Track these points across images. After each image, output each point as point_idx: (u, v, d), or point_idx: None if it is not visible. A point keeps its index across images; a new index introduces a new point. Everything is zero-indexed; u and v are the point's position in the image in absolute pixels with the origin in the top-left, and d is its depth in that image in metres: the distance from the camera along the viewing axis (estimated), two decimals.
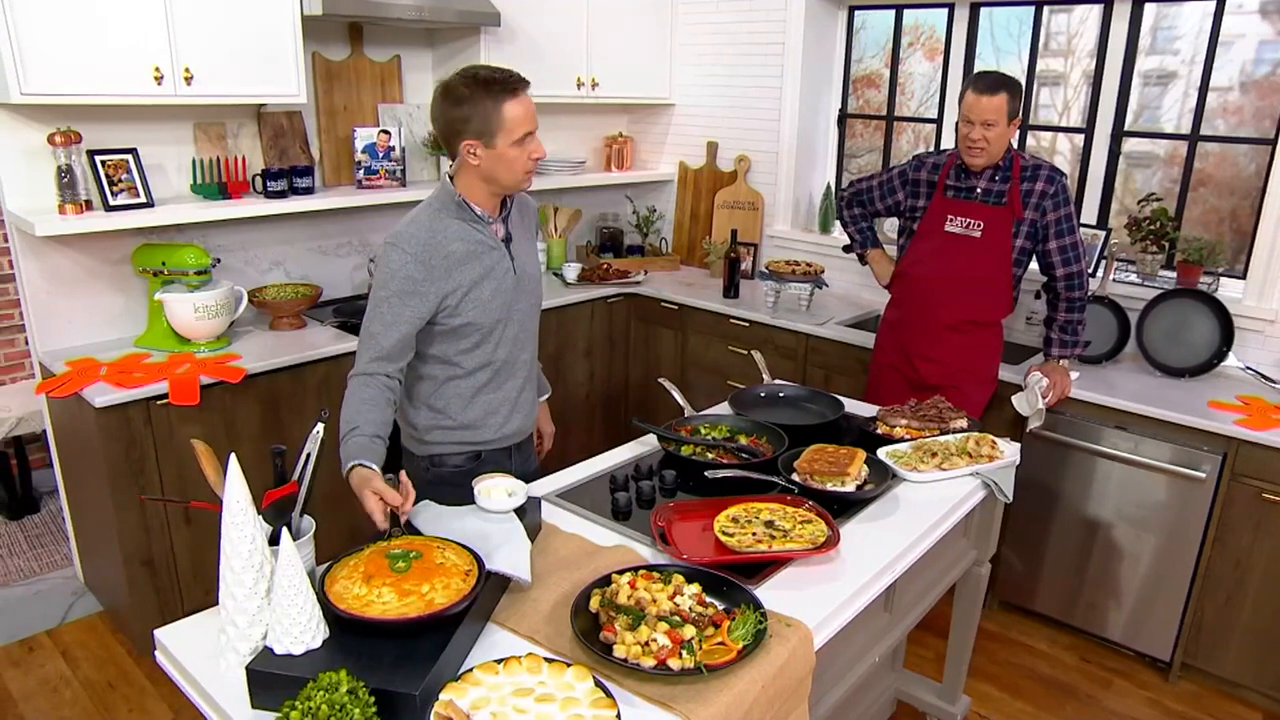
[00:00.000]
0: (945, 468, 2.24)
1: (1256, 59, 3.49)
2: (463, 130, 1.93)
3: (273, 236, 3.73)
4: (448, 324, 2.04)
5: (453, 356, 2.11)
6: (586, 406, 4.43)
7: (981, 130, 2.83)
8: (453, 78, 1.95)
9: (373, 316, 1.99)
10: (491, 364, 2.16)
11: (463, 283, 2.02)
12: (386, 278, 1.96)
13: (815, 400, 2.70)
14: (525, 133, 1.95)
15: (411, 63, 4.05)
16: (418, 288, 1.97)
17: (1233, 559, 2.96)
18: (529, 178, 2.04)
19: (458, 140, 1.95)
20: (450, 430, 2.20)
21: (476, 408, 2.18)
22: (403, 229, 1.99)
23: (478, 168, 1.97)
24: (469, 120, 1.91)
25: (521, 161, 1.98)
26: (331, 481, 3.46)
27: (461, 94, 1.91)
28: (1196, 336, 3.28)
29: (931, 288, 3.05)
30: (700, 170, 4.76)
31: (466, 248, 2.02)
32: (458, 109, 1.92)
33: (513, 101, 1.93)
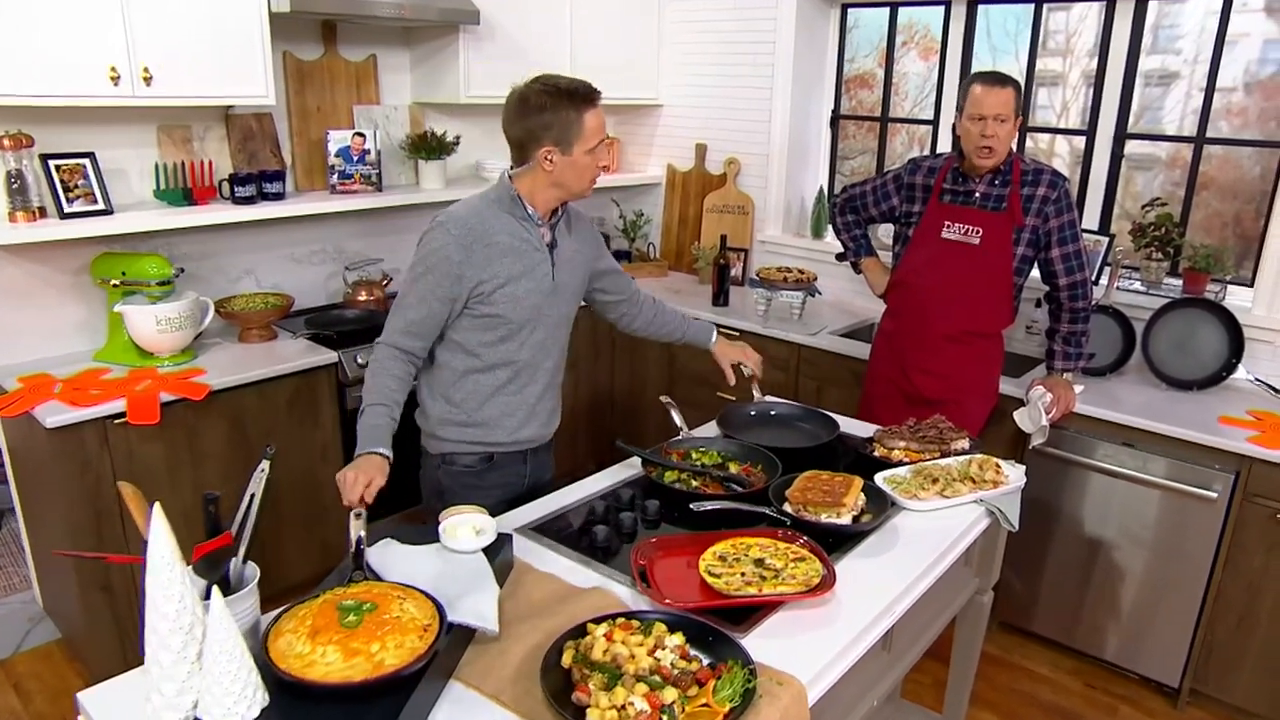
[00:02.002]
0: (947, 495, 2.10)
1: (1261, 58, 3.37)
2: (543, 137, 1.98)
3: (243, 244, 3.57)
4: (477, 310, 2.07)
5: (476, 347, 2.13)
6: (571, 419, 4.24)
7: (994, 126, 2.69)
8: (531, 86, 2.01)
9: (408, 290, 2.07)
10: (514, 363, 2.17)
11: (499, 274, 2.05)
12: (426, 254, 2.03)
13: (809, 419, 2.56)
14: (599, 141, 2.04)
15: (388, 62, 3.89)
16: (454, 269, 2.01)
17: (1245, 581, 2.83)
18: (593, 185, 2.13)
19: (536, 146, 2.00)
20: (463, 427, 2.19)
21: (493, 406, 2.19)
22: (454, 211, 2.06)
23: (550, 174, 2.03)
24: (550, 128, 1.97)
25: (591, 169, 2.07)
26: (304, 504, 3.34)
27: (544, 102, 1.97)
28: (1204, 347, 3.15)
29: (928, 297, 2.92)
30: (689, 173, 4.62)
31: (511, 242, 2.07)
32: (540, 116, 1.97)
33: (592, 112, 2.01)
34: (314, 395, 3.26)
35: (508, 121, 2.05)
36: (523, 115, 2.00)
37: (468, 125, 4.18)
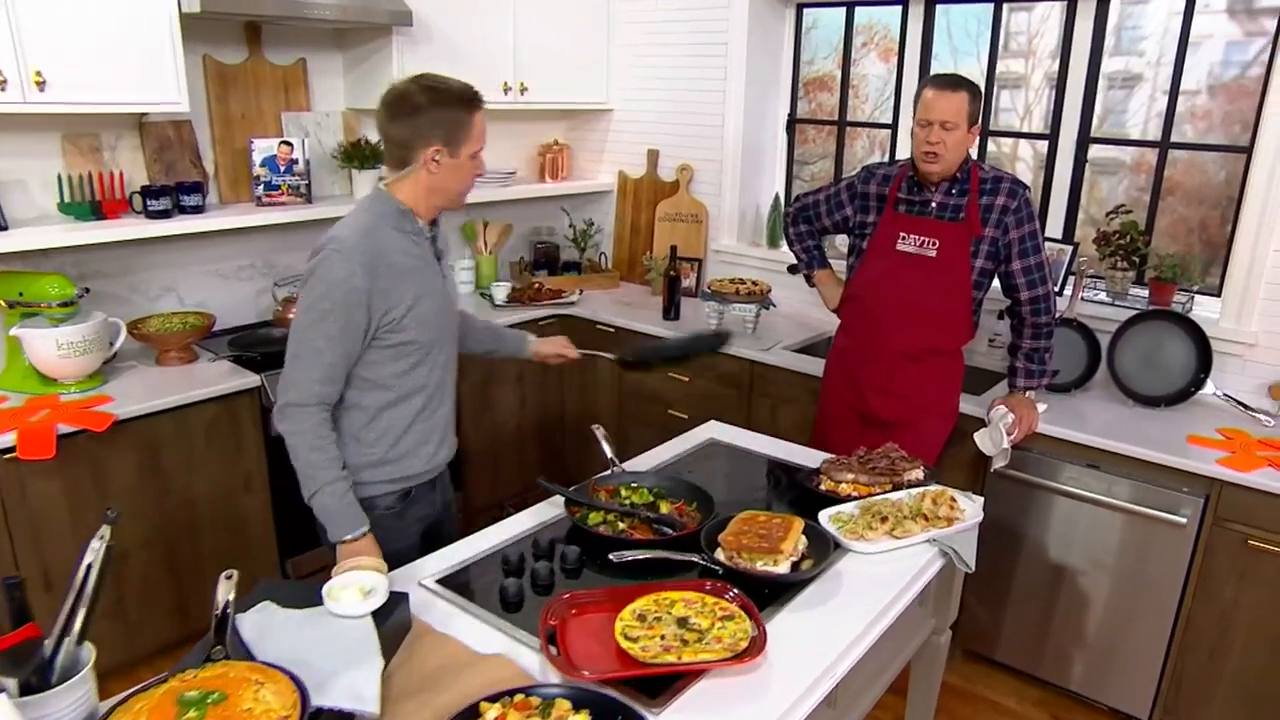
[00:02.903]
0: (898, 535, 1.93)
1: (1224, 60, 3.25)
2: (431, 136, 1.86)
3: (162, 259, 3.35)
4: (387, 340, 1.91)
5: (389, 379, 1.97)
6: (518, 438, 4.09)
7: (940, 132, 2.53)
8: (416, 83, 1.88)
9: (310, 333, 1.83)
10: (426, 387, 2.05)
11: (405, 297, 1.91)
12: (328, 288, 1.81)
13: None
14: (481, 147, 1.95)
15: (319, 66, 3.69)
16: (363, 299, 1.84)
17: (1216, 610, 2.68)
18: (465, 197, 2.03)
19: (424, 146, 1.87)
20: (379, 467, 2.03)
21: (411, 437, 2.04)
22: (344, 235, 1.85)
23: (433, 177, 1.90)
24: (440, 125, 1.86)
25: (471, 174, 1.97)
26: (228, 536, 3.12)
27: (434, 100, 1.86)
28: (1172, 362, 3.01)
29: (883, 313, 2.75)
30: (641, 180, 4.44)
31: (408, 260, 1.93)
32: (429, 113, 1.85)
33: (479, 114, 1.93)
34: (235, 421, 3.05)
35: (390, 121, 1.89)
36: (411, 113, 1.86)
37: None
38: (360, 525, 1.89)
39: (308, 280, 1.85)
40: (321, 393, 1.86)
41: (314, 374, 1.84)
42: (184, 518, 2.97)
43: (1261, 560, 2.57)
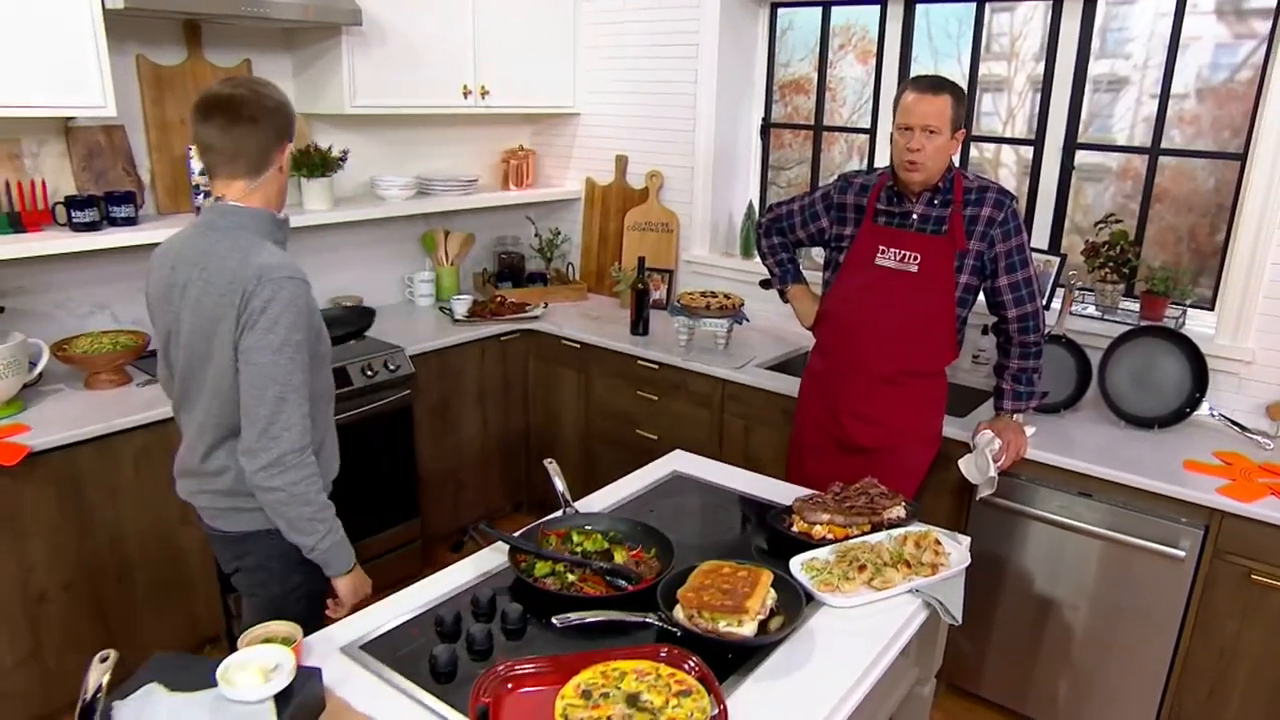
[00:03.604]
0: (878, 585, 1.75)
1: (1213, 63, 3.10)
2: (286, 132, 1.81)
3: (92, 275, 3.13)
4: (317, 351, 1.86)
5: (323, 392, 1.93)
6: (482, 459, 3.88)
7: (921, 138, 2.36)
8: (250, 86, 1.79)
9: (291, 369, 1.72)
10: (330, 393, 2.00)
11: (317, 309, 1.85)
12: (296, 318, 1.73)
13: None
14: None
15: (266, 68, 3.47)
16: (316, 320, 1.83)
17: (1216, 648, 2.52)
18: None
19: (279, 148, 1.80)
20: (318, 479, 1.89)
21: (328, 446, 2.00)
22: (278, 261, 1.74)
23: (278, 177, 1.84)
24: (289, 126, 1.82)
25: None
26: (166, 572, 2.90)
27: (279, 101, 1.80)
28: (1165, 380, 2.85)
29: (861, 332, 2.57)
30: (609, 187, 4.25)
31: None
32: (281, 114, 1.79)
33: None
34: (170, 449, 2.80)
35: (252, 122, 1.73)
36: (267, 110, 1.75)
37: (361, 138, 3.78)
38: (353, 553, 1.89)
39: (265, 316, 1.69)
40: (309, 427, 1.77)
41: (304, 409, 1.75)
42: (111, 556, 2.75)
43: (1266, 596, 2.41)
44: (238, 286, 1.69)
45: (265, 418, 1.69)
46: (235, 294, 1.69)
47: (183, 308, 1.78)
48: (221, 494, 1.88)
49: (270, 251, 1.75)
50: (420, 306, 4.03)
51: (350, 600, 1.88)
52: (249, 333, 1.69)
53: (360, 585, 1.90)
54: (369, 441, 3.33)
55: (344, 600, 1.88)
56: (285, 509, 1.74)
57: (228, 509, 1.89)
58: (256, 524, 1.86)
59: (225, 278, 1.71)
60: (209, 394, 1.79)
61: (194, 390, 1.84)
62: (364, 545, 3.42)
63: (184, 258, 1.79)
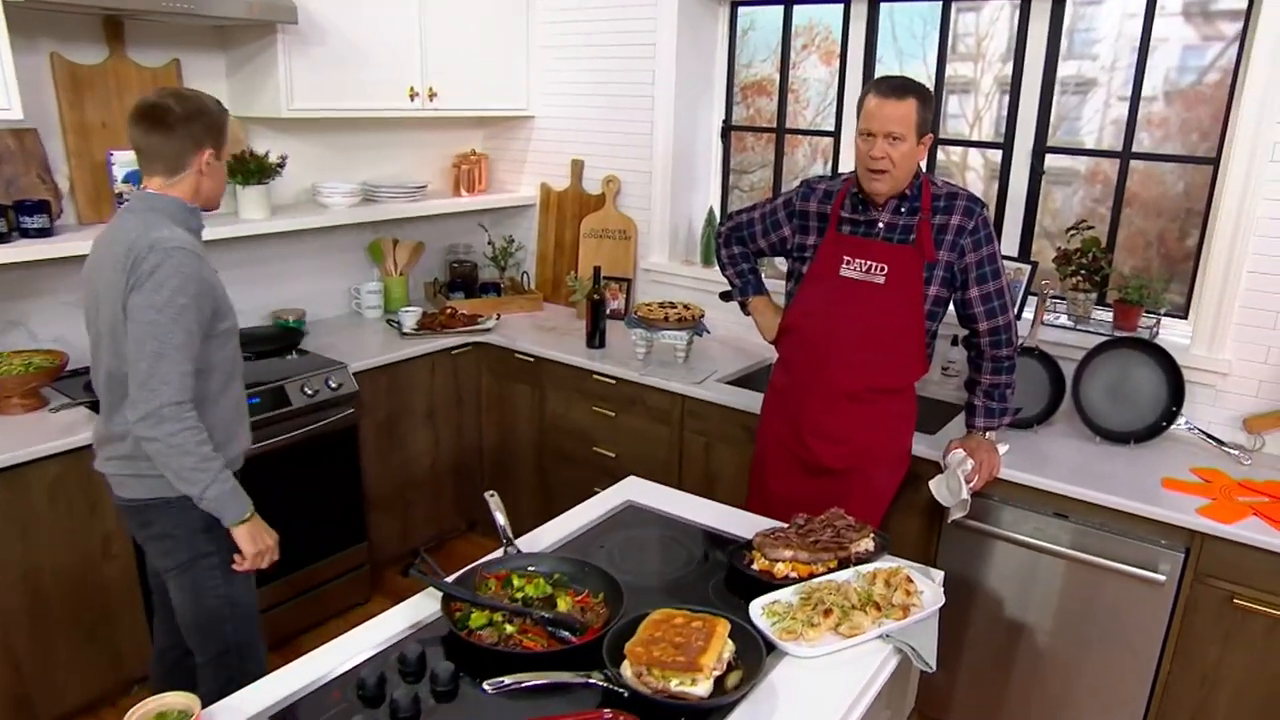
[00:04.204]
0: (845, 631, 1.61)
1: (1181, 66, 3.01)
2: (205, 140, 2.00)
3: (3, 290, 2.92)
4: (217, 328, 2.02)
5: (221, 365, 2.06)
6: (432, 479, 3.70)
7: (885, 145, 2.22)
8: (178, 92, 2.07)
9: (173, 328, 1.87)
10: (239, 370, 2.16)
11: (221, 287, 2.03)
12: (182, 283, 1.88)
13: None
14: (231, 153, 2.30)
15: (198, 68, 3.27)
16: (209, 290, 1.96)
17: (1198, 674, 2.41)
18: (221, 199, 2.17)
19: (199, 150, 2.00)
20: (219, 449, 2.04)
21: (239, 420, 2.18)
22: (164, 234, 1.91)
23: (202, 179, 2.03)
24: (213, 130, 2.02)
25: (225, 179, 2.15)
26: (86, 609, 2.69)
27: (205, 105, 2.03)
28: (1140, 393, 2.74)
29: (825, 347, 2.43)
30: (565, 193, 4.09)
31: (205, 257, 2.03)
32: (204, 118, 2.00)
33: (228, 119, 2.11)
34: (88, 477, 2.61)
35: (170, 129, 1.96)
36: (187, 119, 1.97)
37: (301, 143, 3.59)
38: (250, 502, 2.03)
39: (153, 279, 1.86)
40: (192, 386, 1.91)
41: (185, 367, 1.89)
42: (23, 596, 2.55)
43: (1248, 620, 2.31)
44: (132, 254, 1.87)
45: (144, 371, 1.85)
46: (129, 260, 1.86)
47: (96, 281, 1.97)
48: (124, 459, 2.03)
49: (171, 229, 1.92)
50: (368, 319, 3.84)
51: (249, 549, 2.02)
52: (135, 293, 1.86)
53: (259, 534, 2.04)
54: (311, 463, 3.14)
55: (243, 550, 2.02)
56: (167, 459, 1.88)
57: (130, 475, 2.03)
58: (157, 490, 2.01)
59: (124, 247, 1.88)
60: (109, 355, 1.97)
61: (101, 355, 2.01)
62: (309, 572, 3.25)
63: (103, 238, 2.00)
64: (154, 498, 2.02)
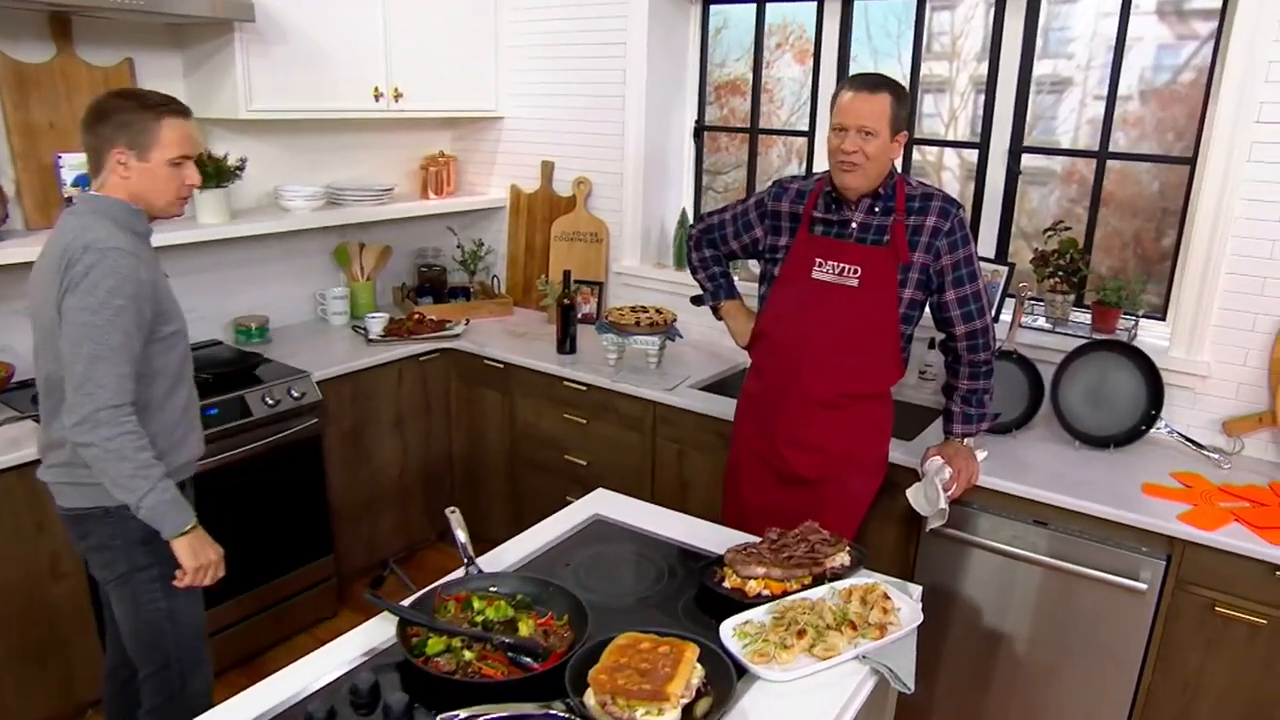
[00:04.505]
0: (820, 653, 1.54)
1: (1156, 65, 2.98)
2: (116, 138, 1.91)
3: None
4: (161, 331, 1.97)
5: (165, 369, 2.01)
6: (400, 488, 3.61)
7: (857, 140, 2.16)
8: (108, 93, 1.99)
9: (109, 330, 1.82)
10: (188, 378, 2.11)
11: (164, 290, 1.99)
12: (117, 284, 1.83)
13: None
14: (181, 155, 1.98)
15: (152, 68, 3.17)
16: (148, 291, 1.90)
17: (1180, 683, 2.36)
18: (182, 205, 2.06)
19: (109, 148, 1.92)
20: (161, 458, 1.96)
21: (182, 426, 2.09)
22: (101, 236, 1.86)
23: (127, 181, 1.94)
24: (124, 128, 1.91)
25: (174, 184, 2.00)
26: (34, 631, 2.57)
27: (118, 105, 1.93)
28: (1119, 396, 2.70)
29: (797, 352, 2.36)
30: (535, 195, 4.01)
31: (151, 260, 1.99)
32: (113, 118, 1.92)
33: (172, 120, 1.97)
34: (34, 493, 2.51)
35: (82, 130, 1.96)
36: (97, 119, 1.92)
37: (262, 145, 3.49)
38: (193, 514, 1.95)
39: (87, 280, 1.81)
40: (131, 389, 1.86)
41: (123, 370, 1.84)
42: None
43: (1230, 628, 2.26)
44: (66, 255, 1.82)
45: (80, 374, 1.80)
46: (63, 262, 1.82)
47: (38, 285, 1.93)
48: (63, 466, 1.97)
49: (109, 231, 1.86)
50: (334, 325, 3.74)
51: (190, 563, 1.93)
52: (69, 295, 1.81)
53: (200, 548, 1.95)
54: (273, 475, 3.05)
55: (183, 564, 1.93)
56: (104, 465, 1.82)
57: (68, 484, 1.98)
58: (95, 499, 1.95)
59: (60, 249, 1.85)
60: (48, 360, 1.92)
61: (40, 361, 1.96)
62: (273, 586, 3.15)
63: (47, 242, 1.95)
64: (93, 507, 1.96)
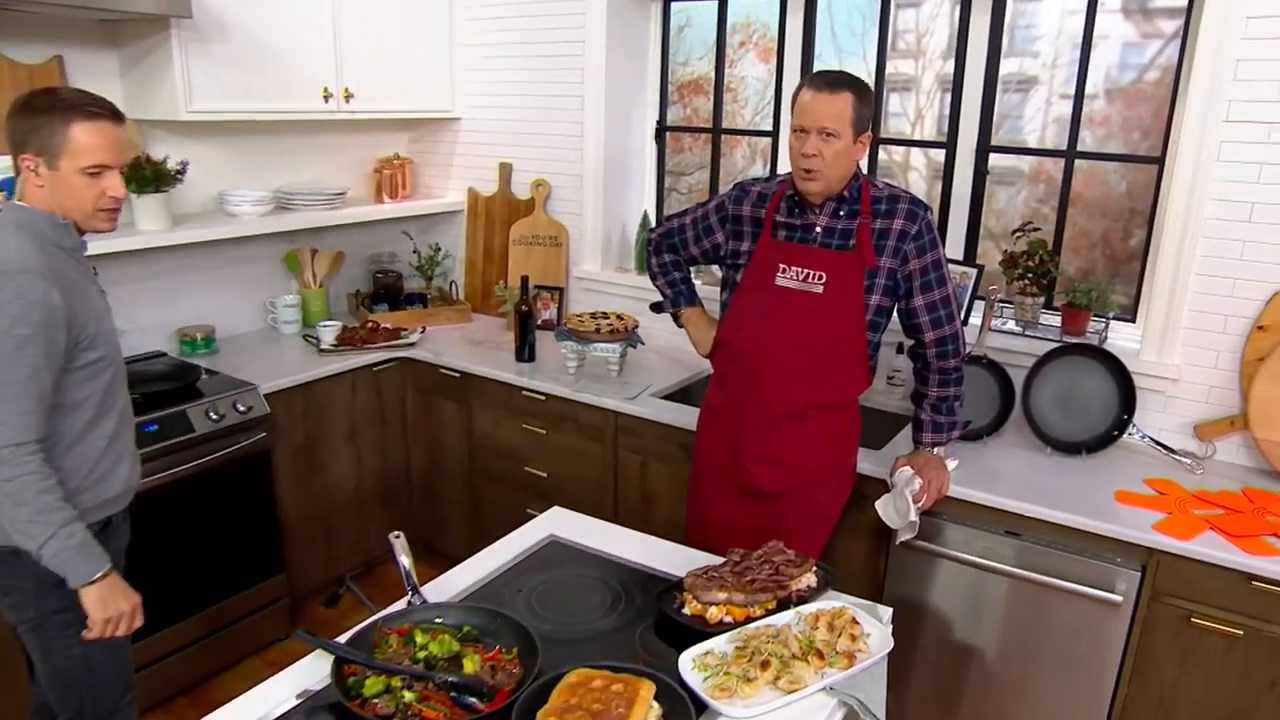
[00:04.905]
0: (785, 686, 1.45)
1: (1121, 63, 2.94)
2: (24, 143, 1.78)
3: None
4: (81, 359, 1.82)
5: (87, 400, 1.86)
6: (356, 502, 3.49)
7: (818, 142, 2.07)
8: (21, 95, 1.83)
9: (11, 362, 1.68)
10: (118, 404, 1.95)
11: (90, 313, 1.83)
12: (24, 310, 1.68)
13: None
14: (97, 164, 1.80)
15: (85, 66, 3.01)
16: (60, 318, 1.74)
17: (1155, 696, 2.30)
18: (107, 219, 1.87)
19: (18, 153, 1.79)
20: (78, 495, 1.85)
21: (108, 458, 1.93)
22: (14, 255, 1.72)
23: (42, 191, 1.80)
24: (31, 132, 1.77)
25: (92, 195, 1.82)
26: None
27: (29, 105, 1.79)
28: (1091, 401, 2.64)
29: (760, 362, 2.27)
30: (493, 198, 3.90)
31: (77, 277, 1.84)
32: (20, 120, 1.78)
33: (85, 125, 1.78)
34: None
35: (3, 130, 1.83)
36: (9, 120, 1.78)
37: (207, 147, 3.35)
38: (105, 562, 1.80)
39: None
40: (38, 425, 1.72)
41: (26, 405, 1.70)
42: None
43: (1205, 639, 2.21)
44: None
45: None
46: None
47: None
48: None
49: (19, 248, 1.72)
50: (285, 334, 3.60)
51: (97, 615, 1.79)
52: None
53: (110, 598, 1.80)
54: (219, 493, 2.91)
55: (90, 615, 1.79)
56: (1, 509, 1.70)
57: None
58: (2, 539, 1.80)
59: None
60: None
61: None
62: (221, 609, 3.02)
63: None
64: (2, 546, 1.81)
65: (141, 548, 2.20)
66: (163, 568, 2.77)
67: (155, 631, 2.82)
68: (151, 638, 2.80)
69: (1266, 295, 2.50)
